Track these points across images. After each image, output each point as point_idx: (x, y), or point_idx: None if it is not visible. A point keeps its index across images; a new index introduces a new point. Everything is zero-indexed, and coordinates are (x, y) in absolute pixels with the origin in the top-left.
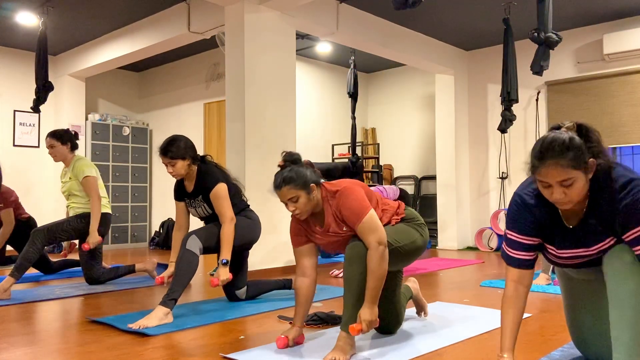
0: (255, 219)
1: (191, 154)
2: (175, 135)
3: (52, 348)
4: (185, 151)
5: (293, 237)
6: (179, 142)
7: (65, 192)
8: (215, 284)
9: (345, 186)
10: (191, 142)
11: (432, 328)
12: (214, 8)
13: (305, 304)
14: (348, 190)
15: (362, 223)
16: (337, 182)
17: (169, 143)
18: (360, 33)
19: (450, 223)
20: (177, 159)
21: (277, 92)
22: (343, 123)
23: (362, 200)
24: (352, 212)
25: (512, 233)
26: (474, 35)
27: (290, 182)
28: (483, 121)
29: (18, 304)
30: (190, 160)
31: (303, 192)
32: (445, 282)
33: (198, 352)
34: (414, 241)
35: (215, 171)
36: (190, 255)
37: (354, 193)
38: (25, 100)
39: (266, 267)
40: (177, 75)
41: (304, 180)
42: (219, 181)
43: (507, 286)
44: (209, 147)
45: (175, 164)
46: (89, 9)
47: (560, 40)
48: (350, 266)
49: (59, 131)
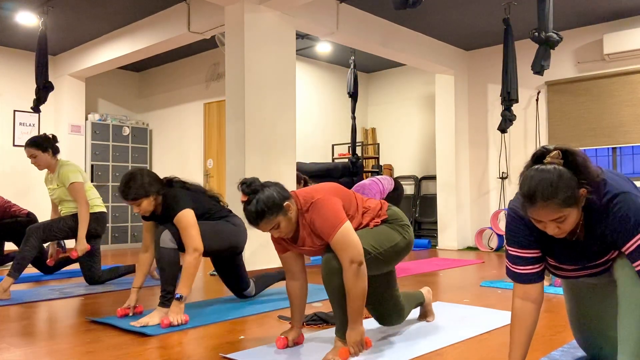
0: (239, 225)
1: (155, 188)
2: (133, 173)
3: (52, 348)
4: (149, 187)
5: (275, 245)
6: (139, 180)
7: (55, 199)
8: (166, 324)
9: (319, 198)
10: (152, 174)
11: (432, 328)
12: (214, 8)
13: (300, 305)
14: (321, 202)
15: (335, 237)
16: (313, 190)
17: (127, 184)
18: (360, 33)
19: (450, 223)
20: (141, 198)
21: (277, 92)
22: (343, 123)
23: (336, 212)
24: (325, 225)
25: (513, 249)
26: (474, 35)
27: (264, 215)
28: (483, 121)
29: (18, 304)
30: (155, 195)
31: (280, 217)
32: (445, 282)
33: (198, 352)
34: (396, 244)
35: (181, 196)
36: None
37: (328, 204)
38: (25, 100)
39: (266, 267)
40: (177, 75)
41: (276, 206)
42: (184, 207)
43: (514, 303)
44: (209, 147)
45: (140, 204)
46: (89, 9)
47: (561, 39)
48: (329, 283)
49: (37, 139)
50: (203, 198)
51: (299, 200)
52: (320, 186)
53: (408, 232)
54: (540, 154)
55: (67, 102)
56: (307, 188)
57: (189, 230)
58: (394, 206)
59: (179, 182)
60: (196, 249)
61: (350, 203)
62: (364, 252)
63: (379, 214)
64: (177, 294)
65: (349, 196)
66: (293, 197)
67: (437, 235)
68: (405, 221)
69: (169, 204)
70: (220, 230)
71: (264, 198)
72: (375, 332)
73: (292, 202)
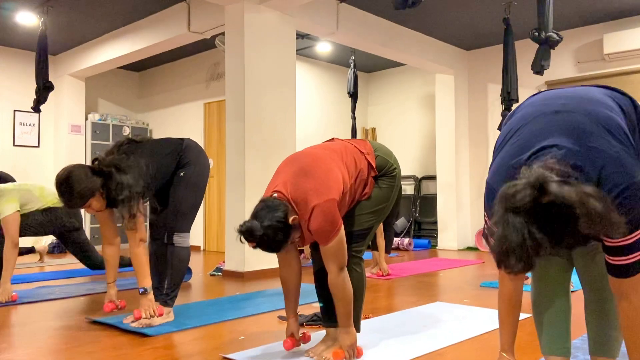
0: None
1: (96, 185)
2: (67, 177)
3: (52, 348)
4: (90, 185)
5: None
6: (77, 184)
7: None
8: (137, 317)
9: (317, 203)
10: (83, 170)
11: (432, 328)
12: (214, 8)
13: (294, 293)
14: (320, 209)
15: (328, 247)
16: (309, 190)
17: (67, 193)
18: (360, 33)
19: (450, 223)
20: (88, 199)
21: (277, 92)
22: (343, 123)
23: (332, 222)
24: (321, 234)
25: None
26: (474, 35)
27: (281, 246)
28: (483, 121)
29: (18, 304)
30: (100, 191)
31: (294, 235)
32: (445, 282)
33: (198, 352)
34: (389, 203)
35: (124, 180)
36: (180, 251)
37: (327, 213)
38: (25, 100)
39: (266, 267)
40: (177, 75)
41: (284, 235)
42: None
43: (505, 284)
44: (209, 147)
45: (90, 204)
46: (89, 9)
47: (561, 39)
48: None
49: None
50: (138, 161)
51: (295, 207)
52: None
53: (396, 179)
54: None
55: (67, 102)
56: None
57: (138, 219)
58: (379, 147)
59: (109, 161)
60: (143, 239)
61: (348, 167)
62: (364, 231)
63: (369, 172)
64: (141, 288)
65: (340, 163)
66: (289, 207)
67: (437, 235)
68: (393, 164)
69: (118, 186)
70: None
71: (267, 236)
72: (375, 332)
73: (293, 210)
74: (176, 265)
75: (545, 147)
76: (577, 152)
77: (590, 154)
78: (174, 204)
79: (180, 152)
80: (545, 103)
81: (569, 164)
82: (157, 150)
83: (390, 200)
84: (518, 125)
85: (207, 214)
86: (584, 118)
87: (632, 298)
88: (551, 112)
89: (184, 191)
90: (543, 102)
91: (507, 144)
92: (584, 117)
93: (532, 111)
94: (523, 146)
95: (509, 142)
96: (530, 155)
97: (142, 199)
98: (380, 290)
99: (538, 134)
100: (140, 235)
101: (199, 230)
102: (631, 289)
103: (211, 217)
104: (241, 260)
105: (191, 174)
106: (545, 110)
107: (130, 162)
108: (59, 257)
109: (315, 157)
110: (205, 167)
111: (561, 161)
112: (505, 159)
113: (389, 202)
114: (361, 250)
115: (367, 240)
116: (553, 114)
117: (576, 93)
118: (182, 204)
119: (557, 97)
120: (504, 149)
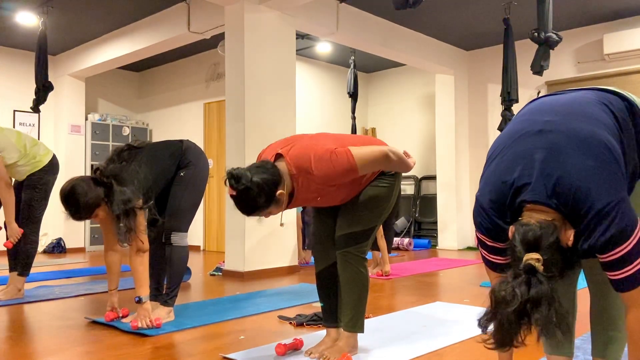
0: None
1: (100, 195)
2: (71, 189)
3: (52, 348)
4: (94, 196)
5: None
6: (82, 197)
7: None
8: (134, 326)
9: (334, 149)
10: (85, 182)
11: (432, 328)
12: (214, 8)
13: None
14: (336, 153)
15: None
16: (300, 152)
17: (73, 207)
18: (360, 33)
19: (450, 223)
20: (94, 210)
21: (277, 92)
22: (343, 123)
23: (348, 170)
24: (340, 173)
25: (483, 236)
26: (474, 35)
27: (255, 210)
28: (483, 121)
29: (18, 304)
30: (104, 200)
31: (272, 207)
32: (445, 282)
33: (198, 352)
34: (390, 202)
35: (124, 191)
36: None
37: (336, 161)
38: (25, 100)
39: (266, 267)
40: (177, 75)
41: (266, 200)
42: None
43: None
44: (209, 147)
45: (97, 215)
46: (89, 9)
47: (561, 40)
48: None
49: None
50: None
51: (295, 169)
52: (321, 137)
53: (395, 179)
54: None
55: (67, 102)
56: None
57: (140, 227)
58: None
59: (110, 171)
60: (141, 250)
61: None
62: (366, 231)
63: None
64: (137, 297)
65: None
66: (282, 181)
67: (437, 235)
68: None
69: (117, 200)
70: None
71: (251, 195)
72: (375, 332)
73: (284, 184)
74: (175, 265)
75: (523, 186)
76: (547, 195)
77: (559, 186)
78: (172, 204)
79: (181, 153)
80: (533, 119)
81: (543, 208)
82: (158, 154)
83: (390, 199)
84: (504, 144)
85: (207, 214)
86: (564, 139)
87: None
88: (534, 133)
89: (183, 191)
90: (530, 118)
91: (494, 162)
92: (564, 137)
93: (519, 129)
94: (507, 168)
95: (495, 161)
96: (513, 191)
97: (141, 211)
98: (380, 290)
99: (521, 156)
100: (138, 246)
101: (198, 230)
102: (635, 301)
103: (211, 217)
104: (241, 260)
105: (191, 175)
106: (529, 130)
107: (131, 170)
108: (59, 257)
109: (311, 134)
110: (204, 168)
111: (536, 208)
112: (491, 178)
113: (390, 202)
114: (365, 250)
115: (370, 240)
116: (535, 135)
117: (567, 104)
118: (181, 204)
119: (545, 112)
120: (491, 165)
